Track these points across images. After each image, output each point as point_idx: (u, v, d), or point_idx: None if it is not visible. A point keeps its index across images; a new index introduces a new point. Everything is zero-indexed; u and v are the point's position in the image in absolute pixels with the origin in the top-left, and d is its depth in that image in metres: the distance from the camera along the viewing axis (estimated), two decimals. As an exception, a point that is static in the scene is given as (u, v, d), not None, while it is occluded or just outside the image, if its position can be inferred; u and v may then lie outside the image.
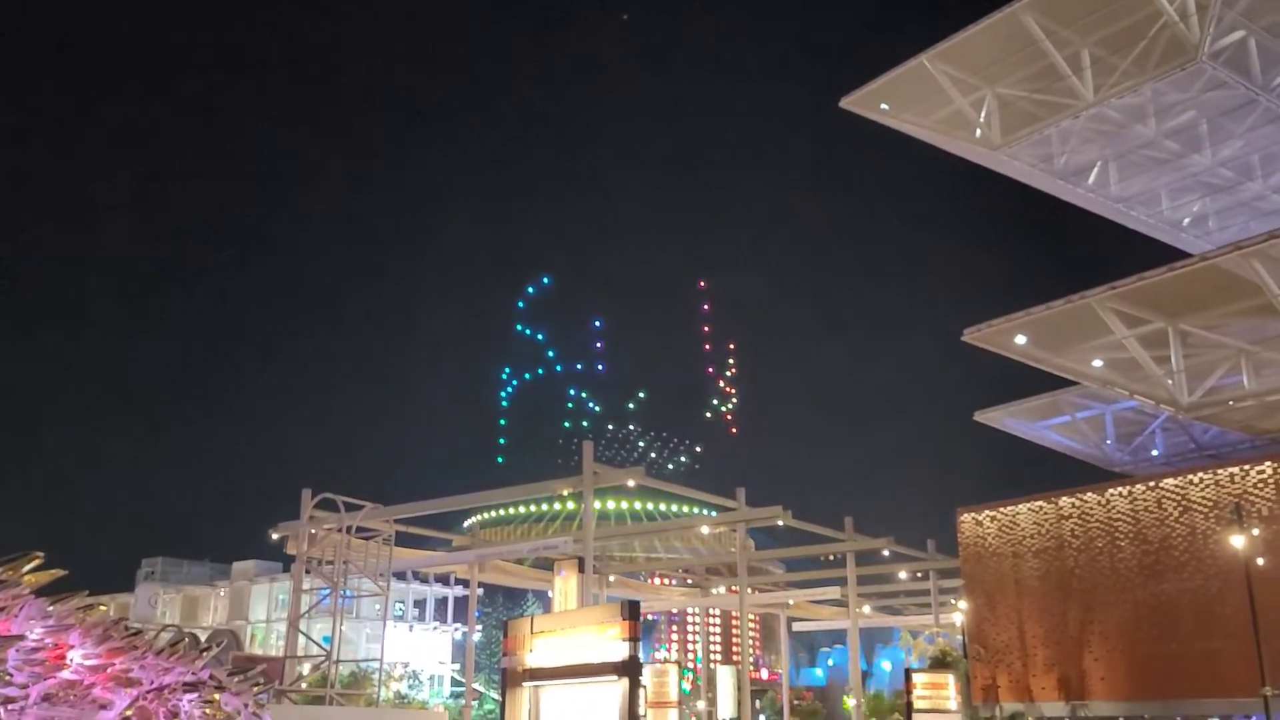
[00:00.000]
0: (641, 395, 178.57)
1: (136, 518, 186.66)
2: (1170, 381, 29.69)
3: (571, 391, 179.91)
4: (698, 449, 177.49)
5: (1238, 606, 25.85)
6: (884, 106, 32.53)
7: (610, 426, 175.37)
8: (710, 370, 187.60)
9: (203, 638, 23.90)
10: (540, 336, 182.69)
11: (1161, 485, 32.97)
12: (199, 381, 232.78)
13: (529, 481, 50.27)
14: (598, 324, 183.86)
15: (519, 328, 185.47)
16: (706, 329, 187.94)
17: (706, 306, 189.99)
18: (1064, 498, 35.94)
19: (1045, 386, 38.87)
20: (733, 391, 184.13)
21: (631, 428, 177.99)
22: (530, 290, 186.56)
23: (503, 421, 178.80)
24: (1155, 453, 39.56)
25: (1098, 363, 31.50)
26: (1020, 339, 31.07)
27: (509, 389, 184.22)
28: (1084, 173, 33.86)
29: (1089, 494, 35.24)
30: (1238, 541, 24.52)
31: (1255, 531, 25.66)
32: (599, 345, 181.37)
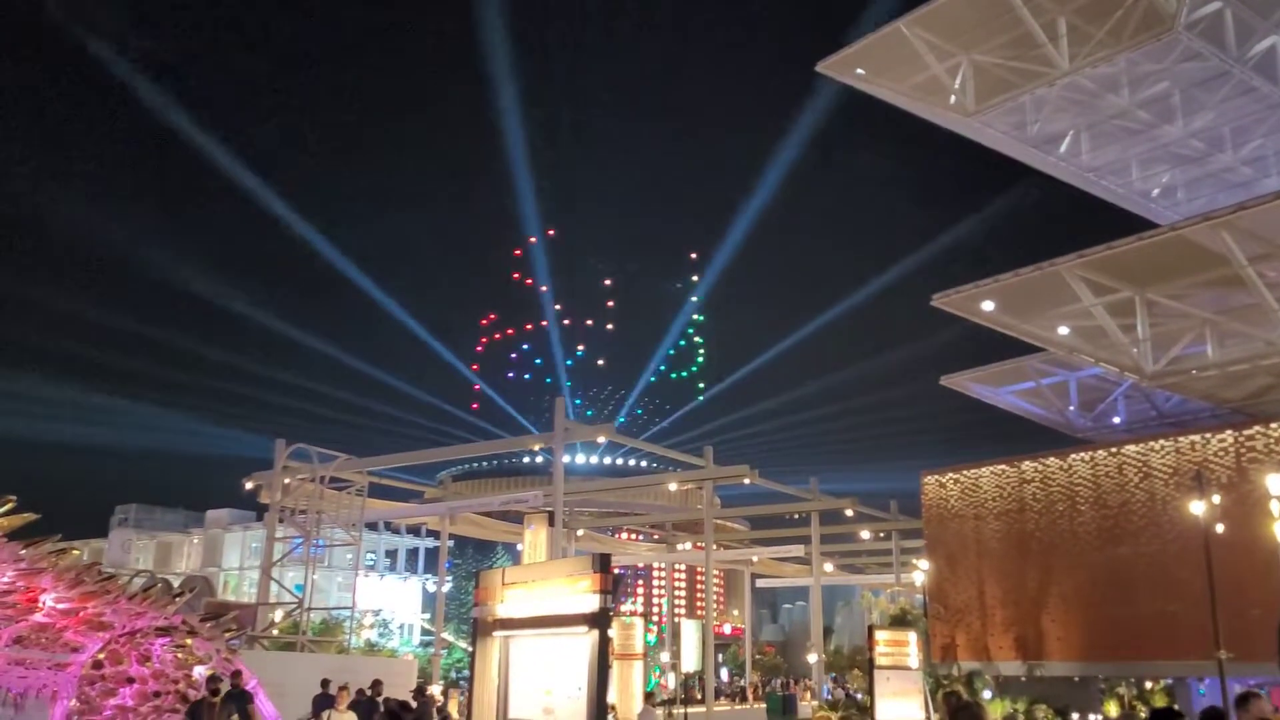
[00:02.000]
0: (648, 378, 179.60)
1: (109, 464, 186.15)
2: (1135, 350, 30.11)
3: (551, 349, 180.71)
4: (666, 407, 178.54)
5: (1194, 571, 26.44)
6: (860, 71, 32.53)
7: (593, 388, 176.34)
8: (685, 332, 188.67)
9: (176, 584, 24.06)
10: (545, 288, 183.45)
11: (1123, 451, 33.56)
12: (173, 329, 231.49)
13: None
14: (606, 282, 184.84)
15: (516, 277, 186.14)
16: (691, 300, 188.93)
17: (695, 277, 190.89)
18: (1026, 462, 36.51)
19: (1010, 353, 39.37)
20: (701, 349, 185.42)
21: (609, 387, 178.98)
22: (532, 240, 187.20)
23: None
24: (1117, 420, 40.15)
25: (1064, 330, 31.89)
26: (988, 305, 31.40)
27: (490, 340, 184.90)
28: (1056, 141, 34.07)
29: (1051, 459, 35.82)
30: (1198, 508, 25.04)
31: (1215, 499, 26.19)
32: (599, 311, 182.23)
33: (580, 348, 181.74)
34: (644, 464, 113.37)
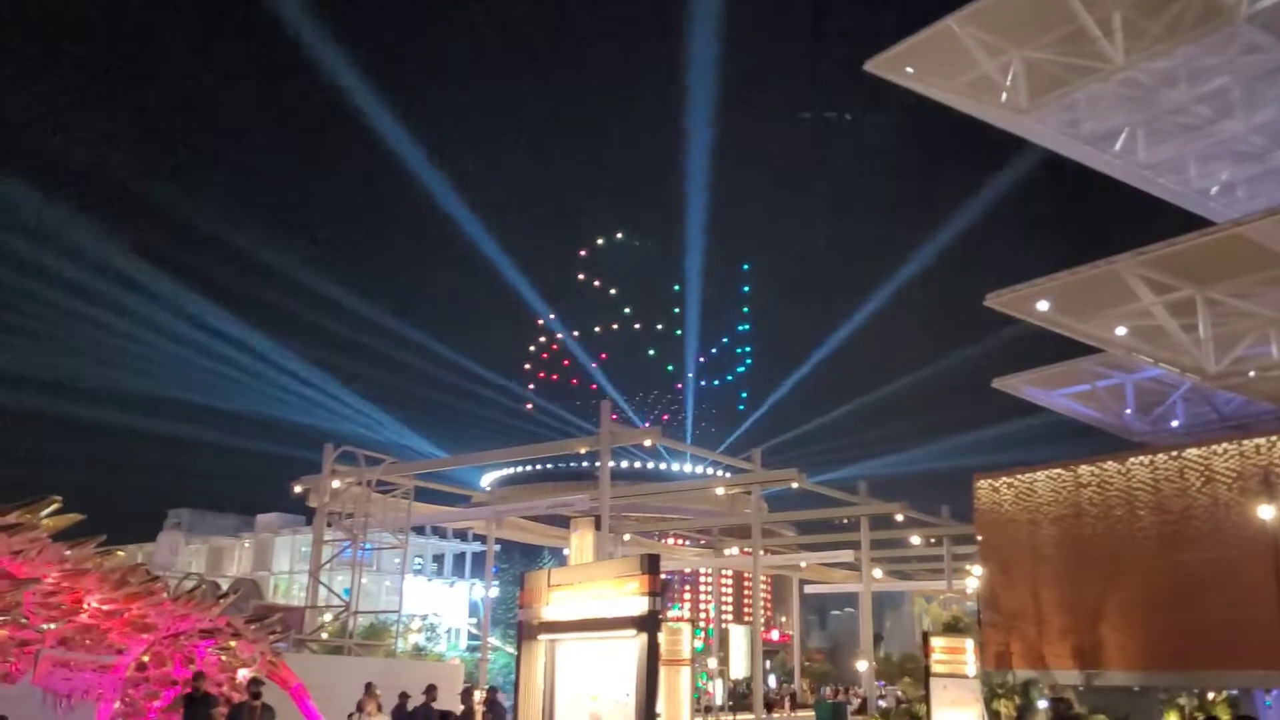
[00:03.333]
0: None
1: (162, 470, 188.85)
2: (1196, 350, 29.32)
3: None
4: (713, 412, 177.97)
5: (1261, 578, 25.67)
6: (909, 70, 32.00)
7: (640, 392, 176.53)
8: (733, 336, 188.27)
9: (223, 587, 24.13)
10: (613, 290, 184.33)
11: (1184, 455, 32.65)
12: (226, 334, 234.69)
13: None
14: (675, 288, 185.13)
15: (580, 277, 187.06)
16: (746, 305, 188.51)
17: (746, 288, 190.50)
18: (1083, 466, 35.67)
19: (1062, 355, 38.61)
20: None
21: (656, 392, 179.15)
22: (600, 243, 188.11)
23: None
24: (1175, 423, 39.21)
25: (1122, 330, 31.15)
26: (1043, 304, 30.73)
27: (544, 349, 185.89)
28: (1111, 138, 33.30)
29: (1109, 462, 34.96)
30: (1266, 512, 24.24)
31: (1283, 503, 25.43)
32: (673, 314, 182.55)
33: (650, 352, 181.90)
34: (693, 469, 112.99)
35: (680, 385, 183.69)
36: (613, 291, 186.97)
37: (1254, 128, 32.00)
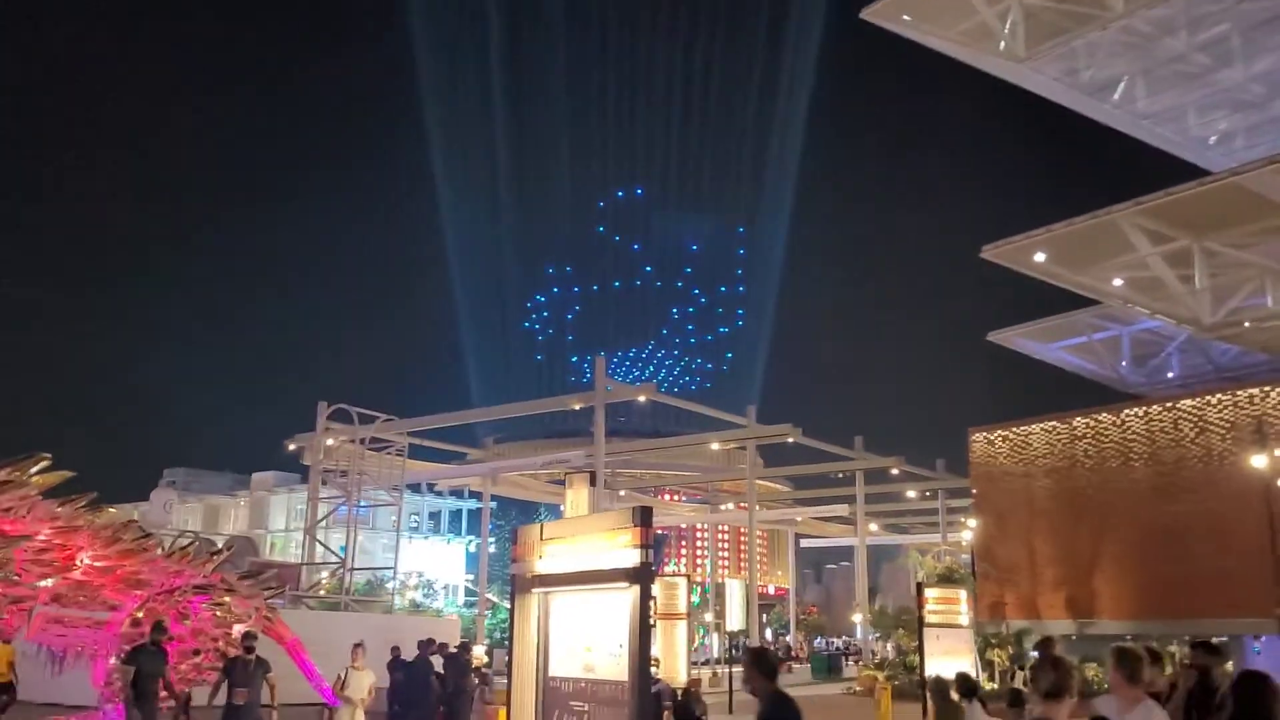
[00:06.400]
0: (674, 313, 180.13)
1: (158, 430, 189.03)
2: (1193, 300, 29.24)
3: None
4: (708, 367, 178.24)
5: (1253, 527, 25.78)
6: (906, 17, 31.63)
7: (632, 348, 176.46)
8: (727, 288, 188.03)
9: (218, 545, 24.14)
10: (636, 246, 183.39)
11: (1178, 406, 32.70)
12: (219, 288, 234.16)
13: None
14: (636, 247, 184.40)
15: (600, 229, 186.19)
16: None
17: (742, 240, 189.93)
18: (1078, 418, 35.73)
19: (1058, 308, 38.51)
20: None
21: (651, 345, 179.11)
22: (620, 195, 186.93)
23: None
24: (1171, 374, 39.24)
25: (1118, 281, 31.04)
26: (1040, 256, 30.60)
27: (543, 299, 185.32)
28: (1109, 87, 33.00)
29: (1104, 414, 35.02)
30: (1259, 461, 24.29)
31: (1277, 453, 25.42)
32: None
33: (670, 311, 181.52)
34: (687, 425, 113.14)
35: (675, 340, 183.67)
36: (617, 239, 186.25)
37: (1253, 76, 31.71)
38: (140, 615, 15.90)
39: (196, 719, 18.35)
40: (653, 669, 21.86)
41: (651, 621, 11.08)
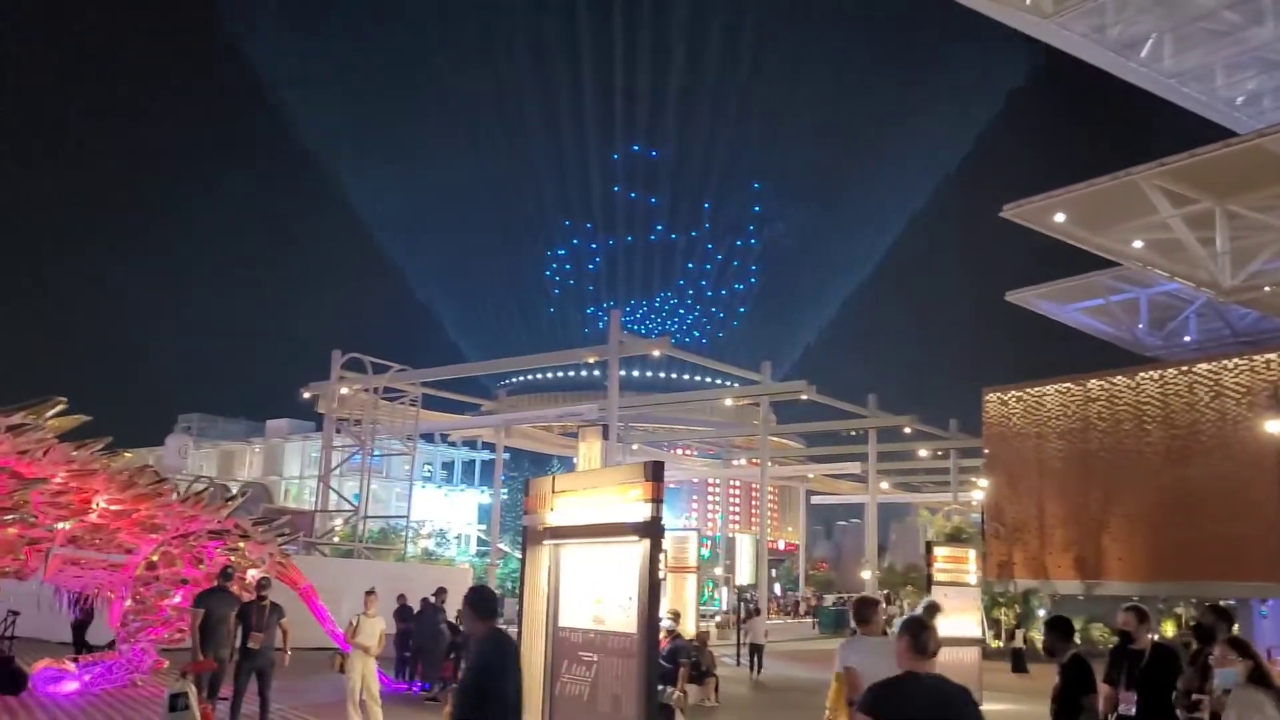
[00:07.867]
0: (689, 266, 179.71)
1: (173, 375, 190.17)
2: (1213, 264, 28.97)
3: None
4: (722, 317, 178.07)
5: (1266, 491, 25.75)
6: (931, -29, 31.19)
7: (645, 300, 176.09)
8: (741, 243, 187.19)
9: (233, 490, 24.32)
10: (654, 199, 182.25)
11: (1194, 370, 32.56)
12: (236, 240, 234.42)
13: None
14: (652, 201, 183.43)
15: (615, 189, 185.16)
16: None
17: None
18: (1092, 380, 35.63)
19: (1076, 269, 38.20)
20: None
21: (666, 294, 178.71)
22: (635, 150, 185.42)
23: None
24: (1188, 338, 38.99)
25: (1138, 243, 30.76)
26: (1060, 216, 30.32)
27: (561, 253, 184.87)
28: (1137, 45, 32.44)
29: (1118, 377, 34.90)
30: (1274, 427, 24.19)
31: (1291, 418, 25.34)
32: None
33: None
34: (702, 379, 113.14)
35: (691, 294, 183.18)
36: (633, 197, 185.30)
37: (1284, 35, 31.16)
38: (156, 559, 16.08)
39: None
40: (672, 623, 22.05)
41: (662, 575, 11.09)
